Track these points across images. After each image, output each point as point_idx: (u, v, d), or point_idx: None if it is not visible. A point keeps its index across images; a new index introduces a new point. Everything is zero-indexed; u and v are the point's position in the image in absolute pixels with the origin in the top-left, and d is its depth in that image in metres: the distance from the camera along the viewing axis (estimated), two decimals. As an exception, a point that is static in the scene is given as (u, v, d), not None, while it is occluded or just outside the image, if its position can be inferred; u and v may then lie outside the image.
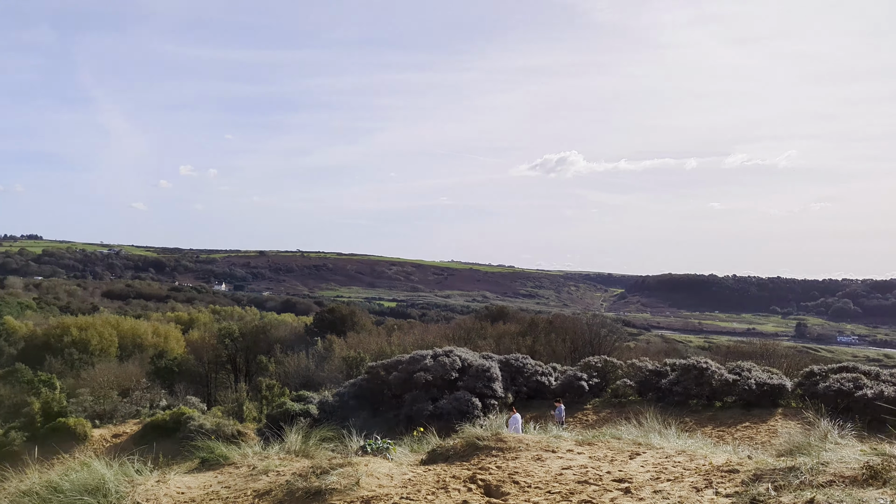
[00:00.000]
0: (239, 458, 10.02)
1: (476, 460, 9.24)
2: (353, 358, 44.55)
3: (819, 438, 9.14)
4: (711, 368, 27.29)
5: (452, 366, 29.43)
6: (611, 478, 7.92)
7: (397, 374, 29.97)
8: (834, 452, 7.35)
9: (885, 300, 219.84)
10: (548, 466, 8.60)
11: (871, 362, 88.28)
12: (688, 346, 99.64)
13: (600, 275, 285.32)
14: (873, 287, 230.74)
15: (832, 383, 24.34)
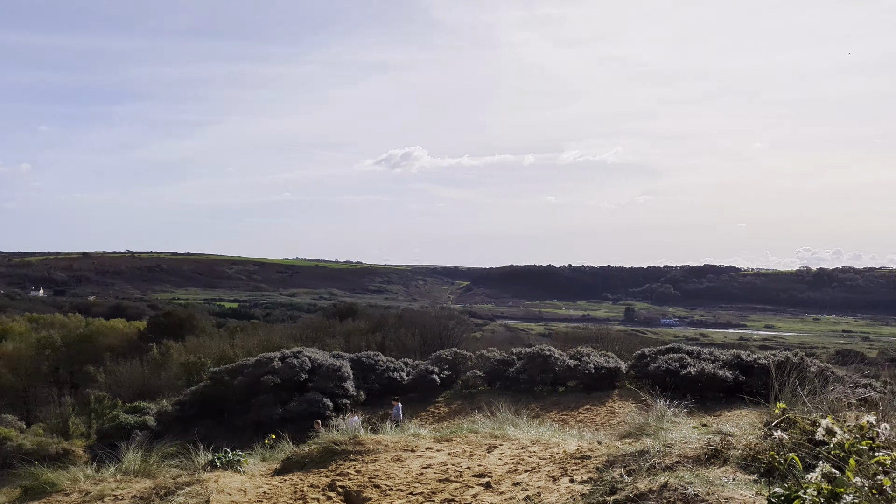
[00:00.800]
0: (69, 484, 9.03)
1: (334, 466, 8.95)
2: (194, 363, 42.22)
3: (657, 419, 9.70)
4: (555, 355, 28.59)
5: (302, 367, 28.69)
6: (471, 473, 7.94)
7: (243, 379, 28.74)
8: (674, 432, 7.82)
9: (699, 284, 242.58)
10: (408, 466, 8.49)
11: (690, 341, 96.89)
12: (529, 333, 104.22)
13: (447, 268, 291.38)
14: (690, 273, 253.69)
15: (661, 364, 26.29)
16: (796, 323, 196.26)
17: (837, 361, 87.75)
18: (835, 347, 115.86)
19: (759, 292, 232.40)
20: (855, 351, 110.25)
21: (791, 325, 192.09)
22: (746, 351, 30.67)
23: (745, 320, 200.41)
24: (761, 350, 56.50)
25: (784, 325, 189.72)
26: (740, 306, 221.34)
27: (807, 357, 27.89)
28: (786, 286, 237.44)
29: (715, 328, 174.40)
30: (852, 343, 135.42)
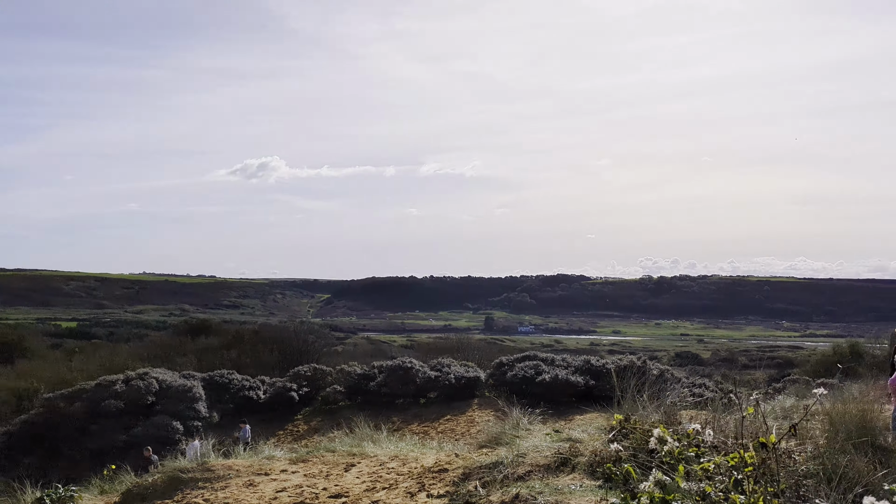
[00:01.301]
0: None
1: (180, 496, 8.40)
2: (25, 389, 38.49)
3: (512, 427, 9.94)
4: (416, 367, 28.69)
5: (148, 389, 26.95)
6: (327, 494, 7.73)
7: (81, 405, 26.56)
8: (529, 440, 8.03)
9: (553, 293, 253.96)
10: (261, 491, 8.14)
11: (546, 348, 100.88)
12: (392, 345, 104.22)
13: (307, 281, 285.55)
14: (545, 282, 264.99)
15: (518, 371, 27.09)
16: (640, 328, 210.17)
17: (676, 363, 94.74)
18: (674, 350, 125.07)
19: (608, 299, 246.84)
20: (691, 353, 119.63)
21: (636, 329, 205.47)
22: (596, 356, 32.33)
23: (596, 326, 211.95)
24: (610, 354, 59.85)
25: (630, 330, 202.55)
26: (591, 313, 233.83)
27: (649, 360, 29.83)
28: (630, 293, 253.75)
29: (568, 335, 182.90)
30: (689, 345, 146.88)
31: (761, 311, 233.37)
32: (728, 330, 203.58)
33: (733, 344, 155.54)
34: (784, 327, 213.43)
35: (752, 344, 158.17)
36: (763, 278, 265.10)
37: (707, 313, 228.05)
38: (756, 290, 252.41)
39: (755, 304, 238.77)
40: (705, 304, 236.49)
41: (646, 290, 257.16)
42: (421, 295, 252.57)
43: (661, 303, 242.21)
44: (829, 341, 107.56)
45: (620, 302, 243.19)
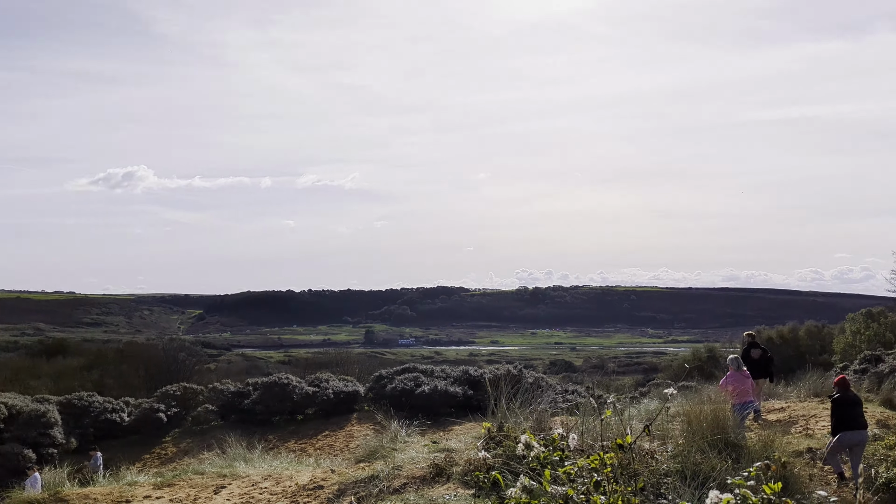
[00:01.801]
0: None
1: (27, 532, 7.72)
2: None
3: (390, 440, 9.88)
4: (293, 383, 28.00)
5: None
6: (194, 520, 7.36)
7: (-85, 436, 23.89)
8: (406, 452, 8.00)
9: (433, 305, 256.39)
10: (121, 521, 7.62)
11: (426, 360, 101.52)
12: (269, 362, 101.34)
13: (177, 296, 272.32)
14: (425, 294, 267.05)
15: (397, 384, 27.04)
16: (517, 337, 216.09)
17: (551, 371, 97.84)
18: (549, 358, 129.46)
19: (486, 310, 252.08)
20: (565, 360, 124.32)
21: (513, 339, 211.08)
22: (474, 366, 32.83)
23: (475, 337, 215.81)
24: (488, 364, 60.98)
25: (507, 340, 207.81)
26: (470, 324, 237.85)
27: (525, 369, 30.65)
28: (508, 304, 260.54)
29: (448, 346, 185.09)
30: (563, 353, 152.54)
31: (628, 319, 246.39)
32: (599, 338, 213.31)
33: (603, 351, 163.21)
34: (649, 334, 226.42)
35: (620, 350, 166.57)
36: (630, 288, 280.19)
37: (579, 322, 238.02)
38: (624, 299, 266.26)
39: (623, 312, 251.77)
40: (577, 314, 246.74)
41: (522, 301, 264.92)
42: (299, 309, 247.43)
43: (536, 313, 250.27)
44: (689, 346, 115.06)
45: (498, 313, 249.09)
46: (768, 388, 16.73)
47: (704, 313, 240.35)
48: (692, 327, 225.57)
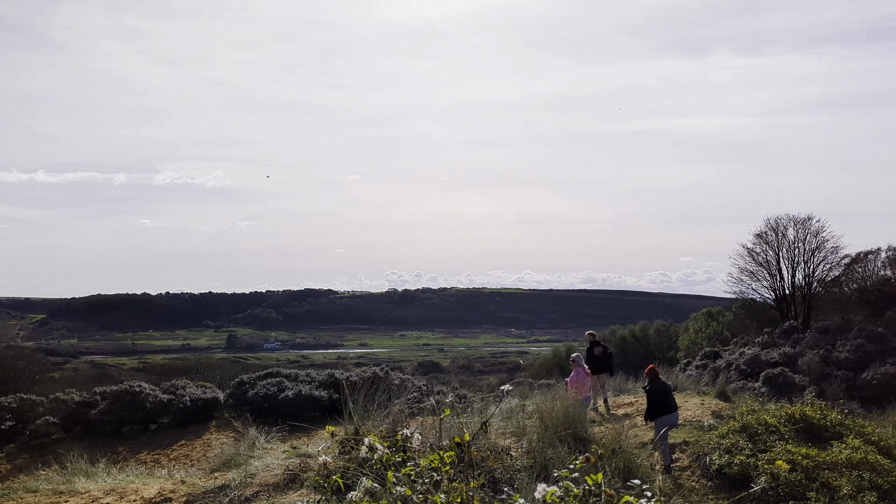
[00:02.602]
0: None
1: None
2: None
3: (248, 447, 9.57)
4: (146, 391, 26.43)
5: None
6: (23, 543, 6.77)
7: None
8: (262, 460, 7.76)
9: (301, 308, 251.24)
10: (-66, 550, 6.86)
11: (292, 364, 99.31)
12: (121, 369, 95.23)
13: (16, 300, 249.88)
14: (292, 297, 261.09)
15: (259, 389, 26.21)
16: (387, 339, 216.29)
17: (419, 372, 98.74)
18: (417, 359, 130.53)
19: (355, 313, 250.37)
20: (433, 361, 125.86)
21: (382, 341, 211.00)
22: (341, 370, 32.47)
23: (343, 340, 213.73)
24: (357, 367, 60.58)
25: (376, 342, 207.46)
26: (339, 327, 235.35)
27: (392, 371, 30.68)
28: (377, 306, 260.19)
29: (316, 349, 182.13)
30: (431, 354, 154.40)
31: (494, 320, 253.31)
32: (465, 338, 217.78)
33: (470, 351, 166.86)
34: (513, 334, 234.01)
35: (486, 350, 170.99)
36: (495, 290, 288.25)
37: (447, 323, 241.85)
38: (489, 300, 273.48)
39: (489, 313, 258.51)
40: (446, 315, 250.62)
41: (392, 303, 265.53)
42: (155, 313, 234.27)
43: (405, 315, 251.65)
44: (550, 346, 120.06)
45: (367, 315, 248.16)
46: (608, 381, 17.74)
47: (564, 314, 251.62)
48: (553, 327, 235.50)
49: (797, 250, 40.10)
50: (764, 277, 41.38)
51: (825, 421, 13.60)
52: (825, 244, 39.64)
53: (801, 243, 39.97)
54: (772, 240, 40.79)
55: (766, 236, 40.96)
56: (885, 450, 13.14)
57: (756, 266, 41.40)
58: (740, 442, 12.35)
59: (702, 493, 10.95)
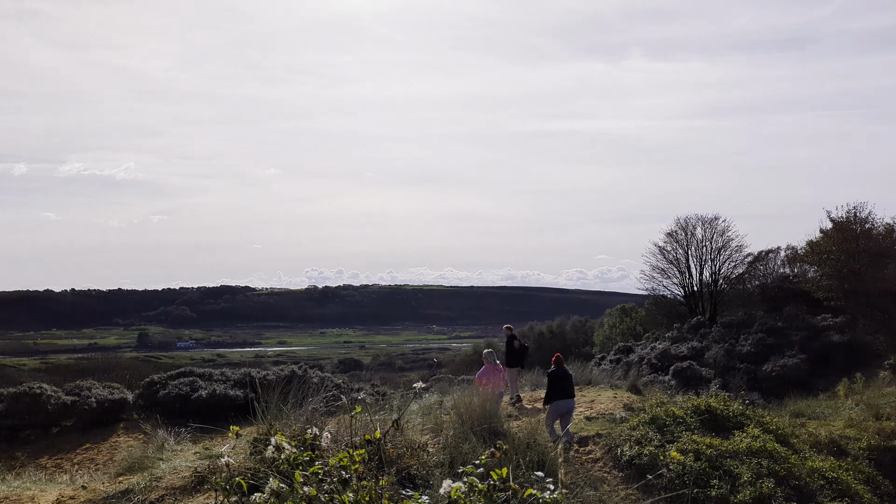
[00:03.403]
0: None
1: None
2: None
3: (157, 449, 9.22)
4: (47, 393, 25.10)
5: None
6: None
7: None
8: (170, 462, 7.49)
9: (217, 305, 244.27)
10: None
11: (207, 363, 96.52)
12: (21, 370, 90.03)
13: None
14: (207, 294, 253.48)
15: (171, 390, 25.34)
16: (306, 337, 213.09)
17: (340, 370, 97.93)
18: (338, 357, 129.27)
19: (273, 310, 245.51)
20: (354, 359, 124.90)
21: (302, 339, 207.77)
22: (258, 368, 31.78)
23: (261, 338, 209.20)
24: (275, 365, 59.51)
25: (296, 340, 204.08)
26: (256, 325, 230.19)
27: (311, 369, 30.24)
28: (297, 303, 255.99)
29: (232, 348, 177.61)
30: (352, 352, 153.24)
31: (416, 317, 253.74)
32: (387, 335, 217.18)
33: (392, 348, 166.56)
34: (435, 331, 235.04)
35: (407, 347, 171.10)
36: (417, 287, 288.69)
37: (368, 320, 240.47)
38: (411, 297, 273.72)
39: (411, 310, 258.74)
40: (367, 312, 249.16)
41: (312, 300, 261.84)
42: (60, 311, 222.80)
43: (326, 312, 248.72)
44: (471, 342, 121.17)
45: (286, 312, 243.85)
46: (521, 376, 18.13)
47: (485, 310, 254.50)
48: (474, 323, 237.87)
49: (705, 249, 41.88)
50: (674, 275, 43.01)
51: (728, 412, 14.27)
52: (730, 243, 41.56)
53: (709, 242, 41.77)
54: (681, 238, 42.45)
55: (676, 235, 42.61)
56: (782, 438, 13.90)
57: (667, 264, 42.99)
58: (649, 433, 12.80)
59: (613, 483, 11.28)
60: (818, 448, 14.67)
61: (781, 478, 11.88)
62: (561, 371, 13.44)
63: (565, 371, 13.67)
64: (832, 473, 12.79)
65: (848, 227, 35.25)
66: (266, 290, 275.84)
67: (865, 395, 19.38)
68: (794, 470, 12.31)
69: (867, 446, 15.11)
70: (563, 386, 13.23)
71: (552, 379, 13.27)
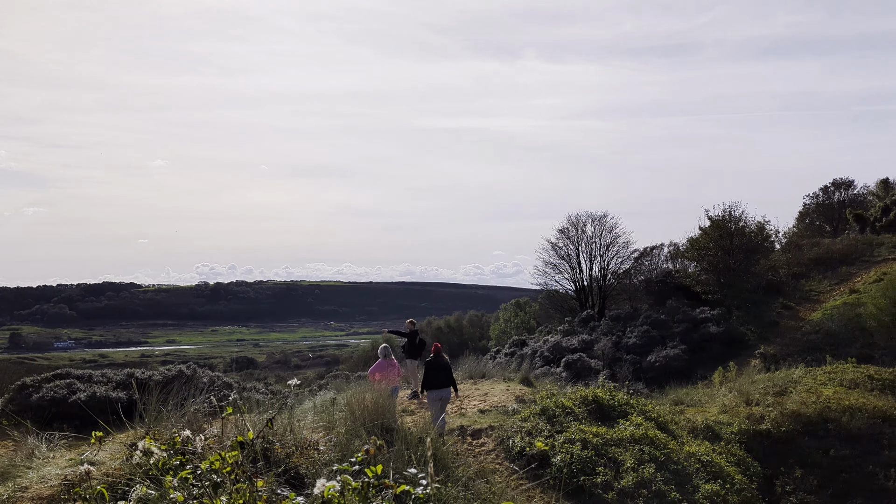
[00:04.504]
0: None
1: None
2: None
3: (26, 457, 8.64)
4: None
5: None
6: None
7: None
8: (40, 471, 7.02)
9: (98, 303, 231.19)
10: None
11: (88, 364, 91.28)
12: None
13: None
14: (88, 291, 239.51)
15: (46, 393, 23.77)
16: (196, 336, 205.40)
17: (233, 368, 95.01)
18: (230, 356, 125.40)
19: (161, 308, 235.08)
20: (248, 357, 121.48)
21: (192, 338, 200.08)
22: (143, 368, 30.31)
23: (148, 337, 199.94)
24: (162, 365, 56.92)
25: (185, 339, 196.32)
26: (142, 323, 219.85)
27: (200, 369, 29.14)
28: (186, 300, 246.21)
29: (116, 348, 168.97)
30: (245, 350, 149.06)
31: (312, 313, 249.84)
32: (282, 333, 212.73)
33: (287, 346, 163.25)
34: (332, 327, 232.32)
35: (304, 345, 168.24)
36: (314, 283, 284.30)
37: (263, 318, 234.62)
38: (308, 293, 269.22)
39: (307, 307, 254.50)
40: (261, 309, 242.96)
41: (202, 297, 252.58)
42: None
43: (218, 309, 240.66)
44: (369, 338, 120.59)
45: (175, 310, 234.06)
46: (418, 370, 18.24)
47: (384, 306, 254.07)
48: (372, 319, 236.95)
49: (594, 245, 43.48)
50: (566, 270, 44.42)
51: (614, 402, 14.89)
52: (618, 239, 43.35)
53: (598, 238, 43.40)
54: (572, 235, 43.89)
55: (568, 232, 44.02)
56: (662, 425, 14.64)
57: (559, 259, 44.34)
58: (540, 424, 13.16)
59: (505, 475, 11.52)
60: (695, 433, 15.56)
61: (661, 463, 12.51)
62: (439, 362, 13.75)
63: (444, 362, 14.00)
64: (707, 457, 13.59)
65: (724, 225, 37.55)
66: (153, 286, 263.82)
67: (738, 383, 20.70)
68: (673, 455, 12.99)
69: (738, 430, 16.16)
70: (440, 375, 13.56)
71: (429, 367, 13.59)
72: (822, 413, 17.16)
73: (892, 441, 16.26)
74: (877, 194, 52.18)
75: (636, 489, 11.42)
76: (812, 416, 17.09)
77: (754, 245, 37.73)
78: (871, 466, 15.47)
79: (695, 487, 12.20)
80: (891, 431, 16.65)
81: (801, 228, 54.36)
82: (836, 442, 16.25)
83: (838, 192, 55.10)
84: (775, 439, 16.41)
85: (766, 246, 39.47)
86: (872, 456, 15.87)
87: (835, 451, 15.93)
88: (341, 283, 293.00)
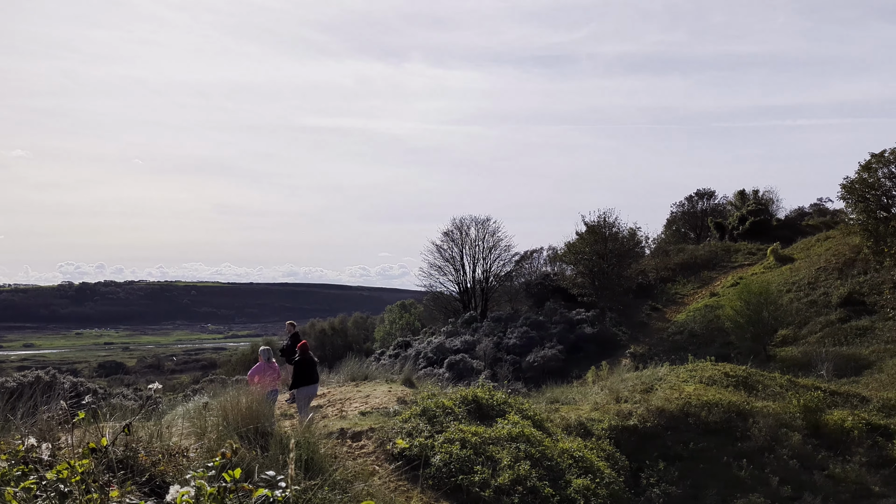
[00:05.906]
0: None
1: None
2: None
3: None
4: None
5: None
6: None
7: None
8: None
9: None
10: None
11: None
12: None
13: None
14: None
15: None
16: (59, 339, 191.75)
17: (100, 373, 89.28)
18: (97, 360, 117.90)
19: (18, 309, 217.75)
20: (117, 361, 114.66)
21: (53, 341, 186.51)
22: (-5, 375, 27.97)
23: (3, 341, 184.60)
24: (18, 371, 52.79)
25: (45, 343, 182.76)
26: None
27: (61, 374, 27.28)
28: (47, 302, 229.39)
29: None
30: (114, 354, 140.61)
31: (188, 315, 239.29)
32: (155, 335, 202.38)
33: (161, 349, 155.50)
34: (210, 330, 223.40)
35: (179, 348, 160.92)
36: (190, 283, 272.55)
37: (134, 320, 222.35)
38: (184, 294, 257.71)
39: (182, 308, 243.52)
40: (133, 311, 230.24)
41: (66, 298, 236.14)
42: None
43: (84, 311, 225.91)
44: (249, 341, 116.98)
45: (34, 311, 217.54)
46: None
47: (265, 307, 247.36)
48: (253, 321, 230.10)
49: (478, 248, 44.34)
50: (450, 272, 45.04)
51: (492, 401, 15.22)
52: (500, 243, 44.45)
53: (481, 241, 44.30)
54: (457, 238, 44.57)
55: (452, 234, 44.67)
56: (538, 423, 15.12)
57: (443, 261, 44.89)
58: (420, 425, 13.24)
59: (385, 476, 11.51)
60: (569, 430, 16.18)
61: (536, 460, 12.91)
62: (308, 359, 13.95)
63: (312, 359, 14.23)
64: (578, 453, 14.17)
65: (599, 231, 39.33)
66: (9, 286, 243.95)
67: (609, 381, 21.74)
68: (548, 452, 13.45)
69: (608, 426, 16.96)
70: (309, 372, 13.80)
71: (298, 365, 13.78)
72: (683, 408, 18.33)
73: (745, 433, 17.61)
74: (734, 204, 56.39)
75: (512, 486, 11.72)
76: (675, 411, 18.21)
77: (627, 250, 39.76)
78: (726, 458, 16.68)
79: (567, 482, 12.68)
80: (743, 424, 18.02)
81: (668, 235, 57.85)
82: (695, 435, 17.40)
83: (701, 202, 59.06)
84: (642, 434, 17.35)
85: (637, 251, 41.68)
86: (728, 447, 17.13)
87: (694, 443, 17.05)
88: (220, 284, 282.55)
